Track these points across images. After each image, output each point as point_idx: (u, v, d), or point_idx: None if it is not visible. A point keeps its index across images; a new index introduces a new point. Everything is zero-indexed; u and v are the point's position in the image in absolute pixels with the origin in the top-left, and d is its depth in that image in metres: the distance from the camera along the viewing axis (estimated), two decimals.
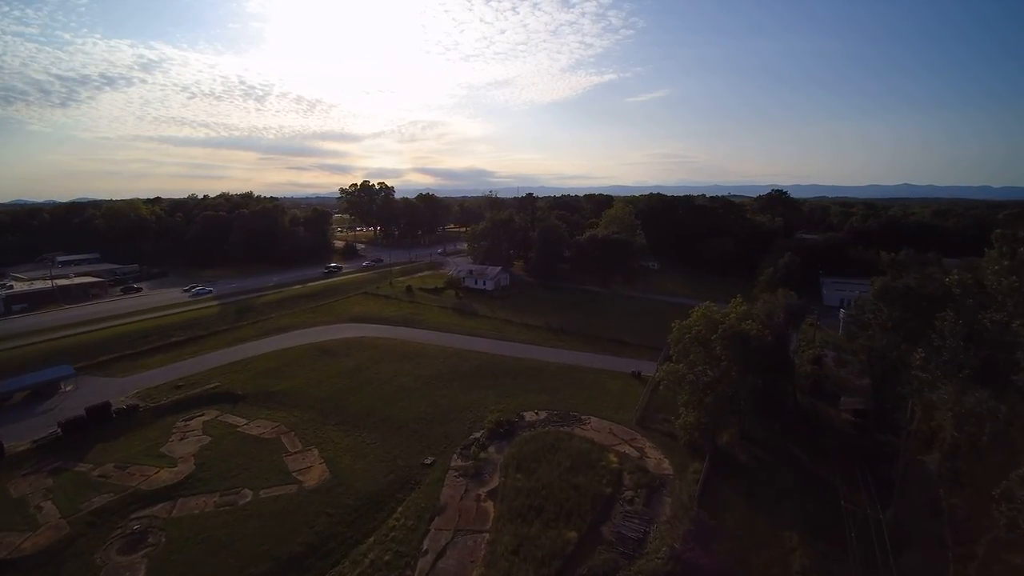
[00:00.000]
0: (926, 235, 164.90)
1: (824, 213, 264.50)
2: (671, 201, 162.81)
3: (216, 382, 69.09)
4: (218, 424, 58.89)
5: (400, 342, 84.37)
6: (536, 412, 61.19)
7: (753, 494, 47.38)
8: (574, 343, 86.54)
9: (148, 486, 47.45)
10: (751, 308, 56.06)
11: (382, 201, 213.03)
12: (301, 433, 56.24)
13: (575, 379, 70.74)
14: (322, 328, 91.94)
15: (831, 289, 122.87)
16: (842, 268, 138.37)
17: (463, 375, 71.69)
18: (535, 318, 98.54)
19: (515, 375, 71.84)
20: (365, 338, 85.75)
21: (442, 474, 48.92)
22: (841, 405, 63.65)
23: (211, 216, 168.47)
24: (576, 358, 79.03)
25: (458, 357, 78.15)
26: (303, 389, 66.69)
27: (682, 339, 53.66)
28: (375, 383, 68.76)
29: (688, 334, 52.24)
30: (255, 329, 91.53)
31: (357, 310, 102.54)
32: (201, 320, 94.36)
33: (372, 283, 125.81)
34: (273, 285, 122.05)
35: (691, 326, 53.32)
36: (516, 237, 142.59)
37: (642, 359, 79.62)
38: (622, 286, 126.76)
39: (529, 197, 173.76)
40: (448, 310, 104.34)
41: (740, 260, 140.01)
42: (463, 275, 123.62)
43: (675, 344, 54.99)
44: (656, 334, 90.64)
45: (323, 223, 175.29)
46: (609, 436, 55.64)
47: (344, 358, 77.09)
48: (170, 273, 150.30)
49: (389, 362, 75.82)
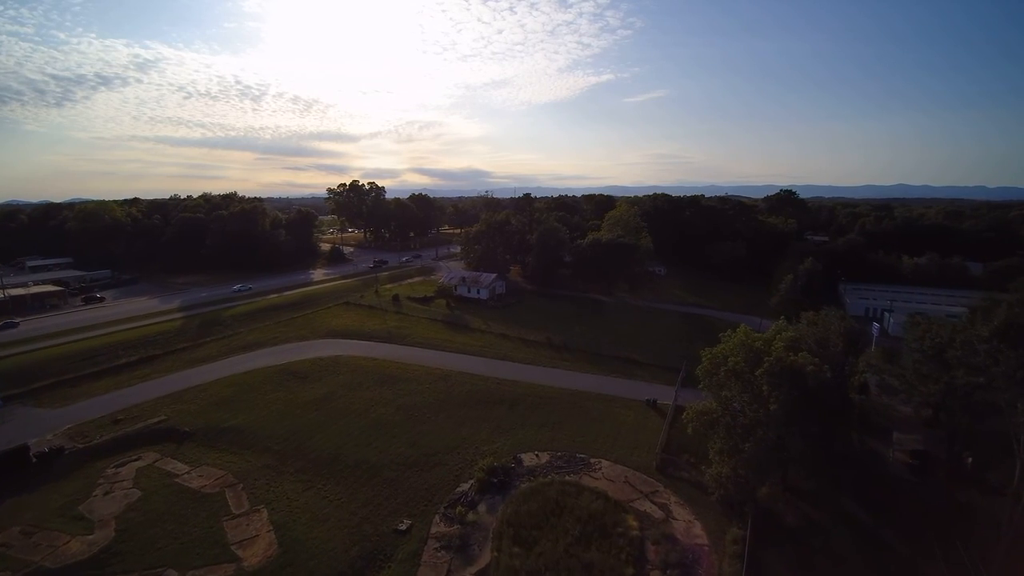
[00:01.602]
0: (943, 237, 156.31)
1: (830, 214, 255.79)
2: (677, 202, 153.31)
3: (162, 415, 59.07)
4: (154, 473, 48.94)
5: (381, 362, 74.40)
6: (536, 454, 51.46)
7: (808, 566, 38.00)
8: (578, 362, 76.84)
9: (53, 562, 37.67)
10: (799, 333, 46.34)
11: (372, 202, 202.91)
12: (251, 485, 46.30)
13: (581, 409, 61.02)
14: (295, 346, 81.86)
15: (854, 297, 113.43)
16: (861, 273, 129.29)
17: (451, 404, 61.86)
18: (534, 332, 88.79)
19: (512, 403, 62.06)
20: (341, 358, 75.75)
21: (419, 545, 39.10)
22: (895, 443, 54.14)
23: (188, 218, 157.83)
24: (581, 381, 69.32)
25: (446, 381, 68.30)
26: (262, 425, 56.69)
27: (715, 371, 44.06)
28: (348, 416, 58.81)
29: (724, 366, 42.58)
30: (219, 347, 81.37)
31: (336, 323, 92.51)
32: (158, 337, 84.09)
33: (356, 291, 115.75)
34: (247, 294, 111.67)
35: (726, 355, 43.70)
36: (513, 241, 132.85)
37: (656, 382, 70.13)
38: (627, 293, 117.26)
39: (527, 197, 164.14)
40: (438, 323, 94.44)
41: (752, 265, 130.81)
42: (455, 283, 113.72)
43: (706, 376, 45.42)
44: (669, 350, 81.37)
45: (307, 225, 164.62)
46: (625, 488, 45.93)
47: (315, 383, 67.11)
48: (141, 280, 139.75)
49: (366, 388, 65.89)
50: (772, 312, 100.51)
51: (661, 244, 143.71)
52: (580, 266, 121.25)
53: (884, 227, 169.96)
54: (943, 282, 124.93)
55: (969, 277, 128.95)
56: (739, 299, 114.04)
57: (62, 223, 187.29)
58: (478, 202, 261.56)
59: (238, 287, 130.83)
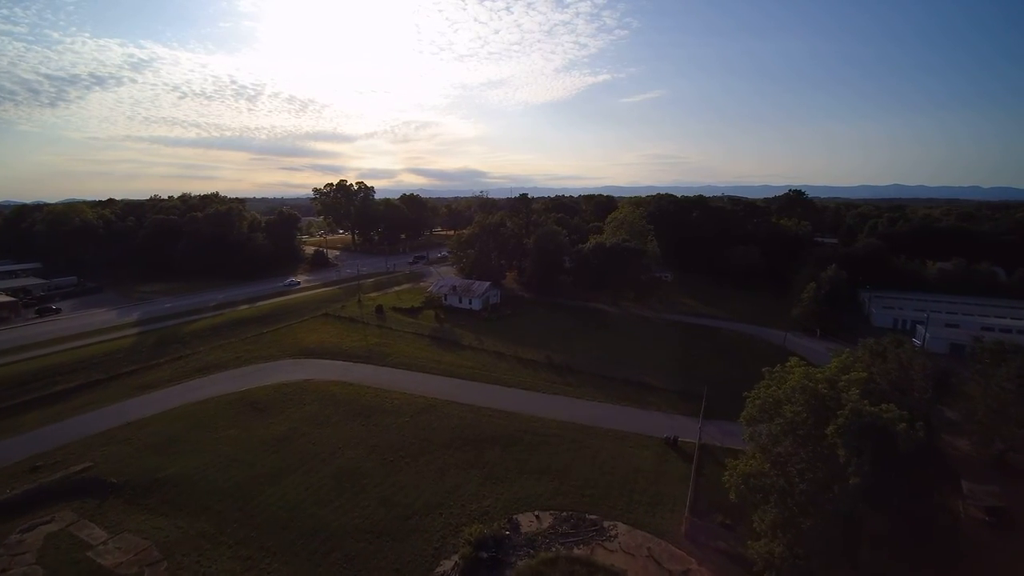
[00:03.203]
0: (963, 240, 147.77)
1: (836, 215, 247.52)
2: (683, 203, 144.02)
3: (89, 460, 49.20)
4: (64, 542, 39.15)
5: (356, 389, 64.63)
6: (536, 515, 41.90)
7: None
8: (583, 387, 67.32)
9: None
10: (872, 371, 36.95)
11: (360, 203, 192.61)
12: (177, 564, 36.56)
13: (588, 450, 51.50)
14: (260, 368, 71.97)
15: (879, 307, 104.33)
16: (881, 280, 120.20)
17: (435, 444, 52.23)
18: (532, 349, 79.19)
19: (507, 444, 52.48)
20: (311, 383, 65.97)
21: None
22: (966, 495, 44.95)
23: (161, 220, 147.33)
24: (587, 412, 59.80)
25: (431, 413, 58.64)
26: (204, 474, 46.90)
27: (765, 418, 34.74)
28: (309, 461, 49.06)
29: (780, 418, 33.18)
30: (172, 370, 71.38)
31: (311, 339, 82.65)
32: (105, 358, 73.97)
33: (337, 301, 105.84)
34: (215, 305, 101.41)
35: (779, 401, 34.33)
36: (508, 245, 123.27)
37: (674, 412, 60.70)
38: (633, 303, 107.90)
39: (523, 198, 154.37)
40: (424, 339, 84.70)
41: (765, 271, 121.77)
42: (445, 292, 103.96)
43: (749, 424, 36.14)
44: (686, 371, 72.01)
45: (289, 227, 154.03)
46: (649, 565, 36.47)
47: (276, 417, 57.30)
48: (107, 288, 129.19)
49: (335, 423, 56.15)
50: (793, 324, 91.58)
51: (666, 248, 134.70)
52: (582, 273, 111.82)
53: (899, 229, 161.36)
54: (970, 289, 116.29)
55: (997, 284, 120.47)
56: (753, 308, 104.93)
57: (31, 226, 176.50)
58: (472, 203, 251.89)
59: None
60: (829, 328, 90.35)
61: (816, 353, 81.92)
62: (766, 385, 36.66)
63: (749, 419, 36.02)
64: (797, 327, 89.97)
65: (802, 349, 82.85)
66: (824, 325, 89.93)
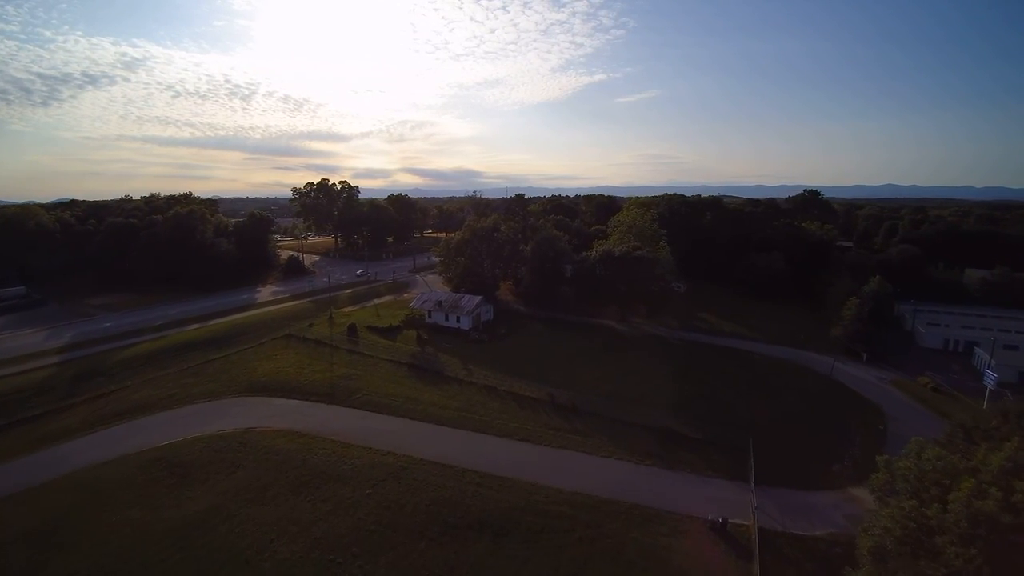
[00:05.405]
0: (991, 244, 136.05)
1: (847, 217, 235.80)
2: (695, 204, 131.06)
3: None
4: None
5: (309, 443, 51.06)
6: None
7: None
8: (594, 436, 53.97)
9: None
10: None
11: (344, 203, 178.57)
12: None
13: (609, 541, 38.28)
14: (194, 410, 58.29)
15: (923, 323, 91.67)
16: (919, 292, 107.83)
17: (401, 532, 38.86)
18: (531, 383, 65.69)
19: (498, 531, 39.19)
20: (252, 434, 52.37)
21: None
22: None
23: (118, 224, 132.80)
24: (602, 477, 46.52)
25: (399, 480, 45.22)
26: None
27: (905, 552, 21.73)
28: (224, 566, 35.55)
29: (931, 561, 20.13)
30: (85, 413, 57.68)
31: (265, 369, 69.01)
32: (10, 396, 60.15)
33: (305, 318, 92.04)
34: (159, 325, 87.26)
35: (932, 530, 21.34)
36: (503, 252, 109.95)
37: (714, 474, 47.63)
38: (644, 319, 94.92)
39: (519, 199, 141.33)
40: (402, 367, 71.18)
41: (789, 280, 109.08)
42: (429, 308, 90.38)
43: (875, 558, 23.15)
44: (719, 411, 58.83)
45: (261, 231, 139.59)
46: None
47: (196, 488, 43.76)
48: (53, 301, 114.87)
49: (273, 498, 42.65)
50: (833, 345, 78.91)
51: (676, 254, 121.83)
52: (585, 283, 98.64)
53: (923, 233, 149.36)
54: (1013, 301, 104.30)
55: None
56: (781, 326, 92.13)
57: None
58: (465, 203, 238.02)
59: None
60: (875, 351, 77.81)
61: (867, 384, 69.28)
62: (900, 489, 23.71)
63: (874, 552, 23.00)
64: (839, 349, 77.22)
65: (850, 379, 70.25)
66: (870, 348, 77.29)
